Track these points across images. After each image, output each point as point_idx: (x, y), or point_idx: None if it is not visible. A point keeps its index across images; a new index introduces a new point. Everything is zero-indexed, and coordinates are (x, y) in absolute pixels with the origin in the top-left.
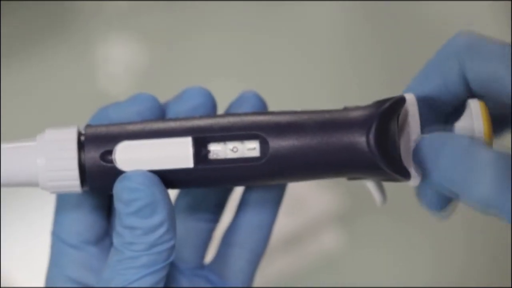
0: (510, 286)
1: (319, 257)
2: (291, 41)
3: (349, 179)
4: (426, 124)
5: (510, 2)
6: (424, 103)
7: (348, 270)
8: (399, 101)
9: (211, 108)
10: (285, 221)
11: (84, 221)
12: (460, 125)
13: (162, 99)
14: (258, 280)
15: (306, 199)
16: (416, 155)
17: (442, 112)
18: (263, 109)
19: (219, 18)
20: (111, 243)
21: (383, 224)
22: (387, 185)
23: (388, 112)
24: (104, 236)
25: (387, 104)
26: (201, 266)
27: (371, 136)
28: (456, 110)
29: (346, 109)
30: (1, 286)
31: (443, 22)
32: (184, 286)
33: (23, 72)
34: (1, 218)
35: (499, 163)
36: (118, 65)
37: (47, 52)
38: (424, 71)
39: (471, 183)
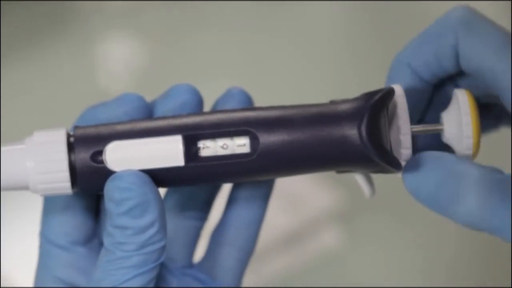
0: (510, 286)
1: (319, 255)
2: (291, 41)
3: (338, 172)
4: (413, 108)
5: (510, 2)
6: (414, 77)
7: (347, 268)
8: (389, 93)
9: (198, 105)
10: (284, 220)
11: (72, 222)
12: (447, 114)
13: None
14: (257, 279)
15: (305, 198)
16: (405, 173)
17: (427, 91)
18: (249, 105)
19: (219, 17)
20: (100, 244)
21: (382, 223)
22: (386, 184)
23: (378, 104)
24: (92, 237)
25: (377, 96)
26: (190, 264)
27: (363, 128)
28: (440, 92)
29: (333, 102)
30: (1, 286)
31: None
32: (174, 285)
33: (24, 71)
34: (1, 217)
35: (486, 181)
36: (118, 64)
37: (47, 50)
38: (419, 40)
39: (456, 204)
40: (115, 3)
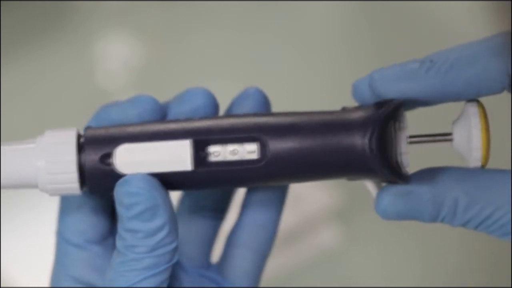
0: (510, 286)
1: (317, 254)
2: (291, 41)
3: (349, 179)
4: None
5: (510, 2)
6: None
7: (345, 267)
8: (399, 105)
9: (213, 110)
10: (282, 218)
11: (87, 221)
12: (458, 125)
13: (160, 95)
14: None
15: (304, 196)
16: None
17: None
18: (265, 105)
19: (218, 16)
20: (115, 242)
21: (380, 222)
22: None
23: (388, 117)
24: (108, 235)
25: (387, 108)
26: (207, 264)
27: (372, 140)
28: None
29: (345, 110)
30: (1, 286)
31: (442, 21)
32: (188, 285)
33: (22, 70)
34: (1, 217)
35: None
36: (116, 62)
37: (46, 49)
38: (470, 55)
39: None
40: (113, 2)
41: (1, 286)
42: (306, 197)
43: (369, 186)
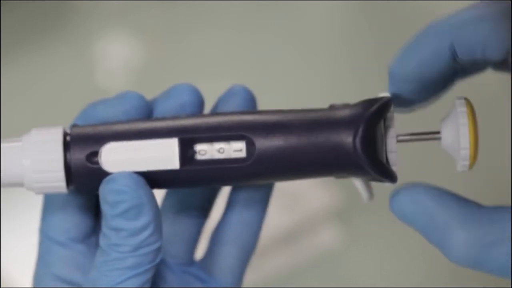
0: (510, 286)
1: (316, 254)
2: (290, 41)
3: (337, 177)
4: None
5: (510, 2)
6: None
7: (345, 267)
8: (387, 104)
9: (199, 106)
10: (282, 218)
11: (71, 219)
12: (446, 123)
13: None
14: (255, 277)
15: (303, 196)
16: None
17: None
18: (252, 102)
19: (217, 16)
20: (98, 241)
21: (380, 221)
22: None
23: (375, 115)
24: (91, 234)
25: (374, 107)
26: (191, 262)
27: (359, 138)
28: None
29: (332, 107)
30: (1, 286)
31: None
32: (173, 283)
33: (22, 70)
34: (0, 217)
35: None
36: (116, 62)
37: (46, 49)
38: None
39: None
40: (113, 2)
41: (1, 286)
42: (306, 197)
43: (357, 184)
